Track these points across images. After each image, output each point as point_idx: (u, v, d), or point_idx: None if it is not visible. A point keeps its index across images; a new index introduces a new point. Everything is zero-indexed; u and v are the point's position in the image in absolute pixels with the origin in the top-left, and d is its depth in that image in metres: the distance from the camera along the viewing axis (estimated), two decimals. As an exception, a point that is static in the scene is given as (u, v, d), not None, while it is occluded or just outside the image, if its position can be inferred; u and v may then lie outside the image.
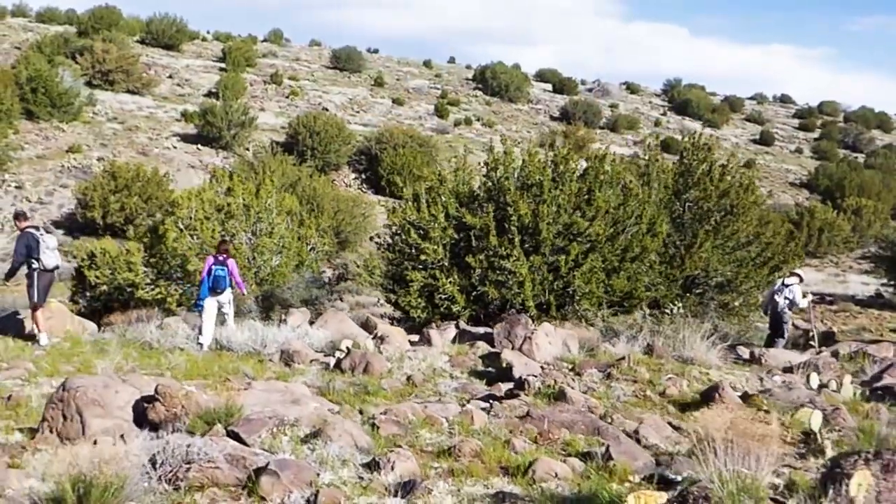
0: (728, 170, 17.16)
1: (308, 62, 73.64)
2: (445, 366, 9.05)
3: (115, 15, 62.98)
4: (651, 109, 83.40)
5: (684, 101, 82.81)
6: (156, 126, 46.59)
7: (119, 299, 20.19)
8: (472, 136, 61.86)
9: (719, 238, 16.53)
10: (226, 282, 11.88)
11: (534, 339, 9.02)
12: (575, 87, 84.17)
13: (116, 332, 11.46)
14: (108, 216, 32.85)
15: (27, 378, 8.52)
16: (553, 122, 70.88)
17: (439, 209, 14.75)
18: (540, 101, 77.72)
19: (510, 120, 69.76)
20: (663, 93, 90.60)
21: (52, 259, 11.73)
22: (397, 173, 46.89)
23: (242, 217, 16.43)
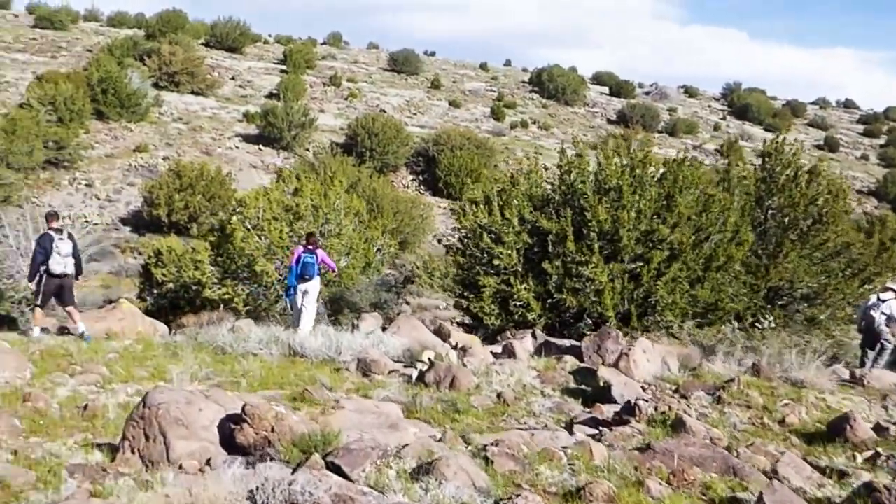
0: (815, 176, 16.22)
1: (366, 64, 73.80)
2: (535, 382, 8.50)
3: (181, 18, 64.06)
4: (710, 113, 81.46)
5: (744, 106, 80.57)
6: (219, 126, 47.03)
7: (185, 297, 20.15)
8: (528, 139, 61.25)
9: (807, 247, 15.62)
10: (314, 269, 12.61)
11: (631, 356, 8.41)
12: (632, 91, 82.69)
13: (188, 335, 11.18)
14: (172, 214, 33.14)
15: (101, 384, 8.24)
16: (610, 125, 69.68)
17: (513, 213, 14.18)
18: (596, 105, 76.53)
19: (566, 123, 68.83)
20: (722, 97, 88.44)
21: (60, 266, 11.58)
22: (455, 175, 46.66)
23: (310, 218, 16.11)
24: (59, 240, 11.60)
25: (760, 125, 76.48)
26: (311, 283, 12.70)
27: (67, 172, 36.80)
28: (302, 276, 12.54)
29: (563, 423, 7.32)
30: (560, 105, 72.88)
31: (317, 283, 12.89)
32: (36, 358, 9.16)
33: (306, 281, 12.59)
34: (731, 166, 16.68)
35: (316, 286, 12.86)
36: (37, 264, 11.68)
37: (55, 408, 7.27)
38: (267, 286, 16.31)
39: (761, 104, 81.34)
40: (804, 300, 16.01)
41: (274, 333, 11.00)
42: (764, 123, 76.38)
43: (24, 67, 49.42)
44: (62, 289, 11.76)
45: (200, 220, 34.22)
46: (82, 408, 7.18)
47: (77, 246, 12.15)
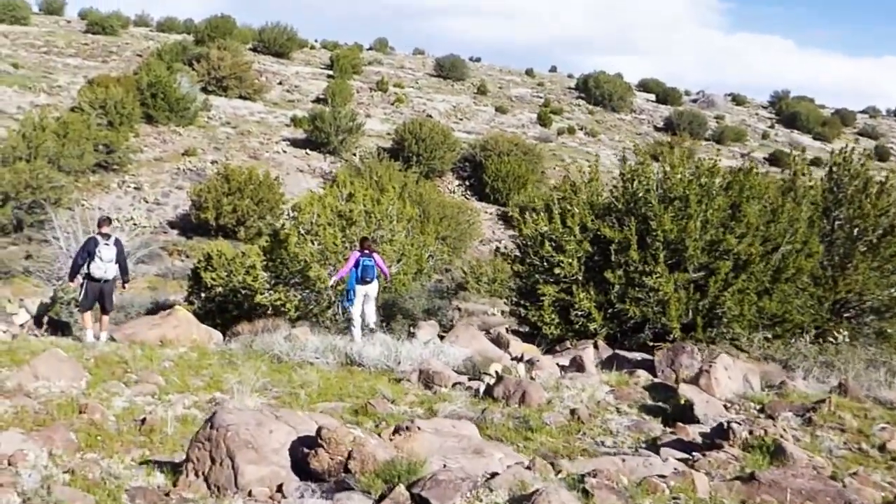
0: (888, 187, 15.48)
1: (412, 70, 73.84)
2: (608, 398, 8.06)
3: (229, 24, 64.72)
4: (758, 122, 79.88)
5: (793, 114, 78.82)
6: (266, 131, 47.26)
7: (233, 301, 20.04)
8: (575, 146, 60.60)
9: (877, 259, 14.89)
10: (373, 271, 12.69)
11: (712, 373, 7.92)
12: (679, 98, 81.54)
13: (243, 343, 10.95)
14: (220, 217, 33.23)
15: (158, 395, 7.99)
16: (657, 132, 68.67)
17: (575, 221, 13.73)
18: (643, 111, 75.57)
19: (613, 129, 68.04)
20: (770, 105, 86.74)
21: (100, 270, 11.58)
22: (502, 181, 46.25)
23: (363, 223, 15.83)
24: (104, 245, 11.59)
25: (809, 134, 74.77)
26: (372, 285, 12.73)
27: (117, 175, 37.20)
28: (363, 278, 12.55)
29: (642, 443, 6.88)
30: (606, 111, 72.16)
31: (376, 285, 12.89)
32: (91, 365, 8.98)
33: (367, 283, 12.64)
34: (797, 176, 15.99)
35: (376, 288, 12.86)
36: (76, 266, 11.77)
37: (111, 420, 7.03)
38: (319, 292, 16.06)
39: (810, 112, 79.52)
40: (873, 313, 15.28)
41: (330, 342, 10.73)
42: (813, 132, 74.67)
43: (76, 72, 50.28)
44: (103, 294, 11.77)
45: (248, 224, 34.33)
46: (140, 421, 6.93)
47: (123, 252, 12.18)
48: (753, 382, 8.44)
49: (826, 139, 71.67)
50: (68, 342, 10.00)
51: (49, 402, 7.28)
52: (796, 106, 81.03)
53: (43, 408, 7.08)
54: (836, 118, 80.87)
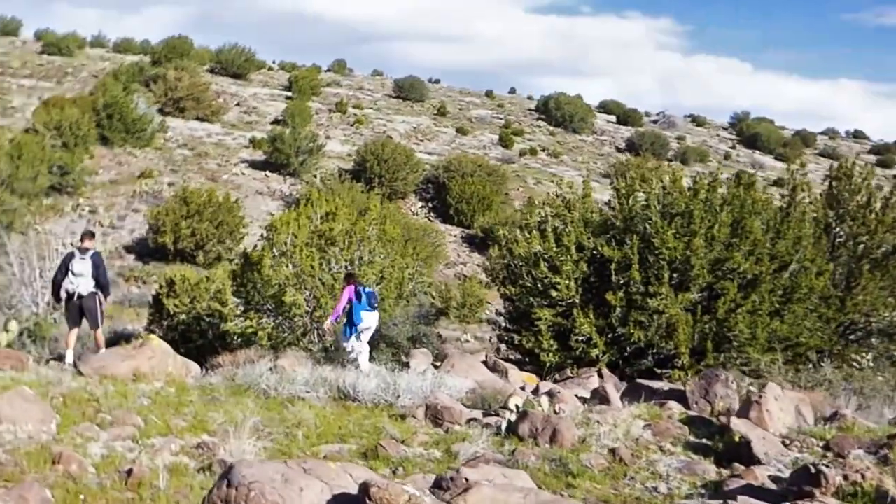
0: (893, 202, 15.06)
1: (371, 91, 73.16)
2: (646, 434, 7.25)
3: (186, 45, 63.40)
4: (719, 142, 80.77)
5: (753, 135, 79.87)
6: (224, 152, 45.99)
7: (198, 330, 18.89)
8: (538, 167, 60.32)
9: (886, 278, 14.39)
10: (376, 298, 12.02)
11: (763, 405, 7.15)
12: (640, 119, 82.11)
13: (223, 376, 9.90)
14: (179, 241, 31.91)
15: (138, 439, 6.94)
16: (619, 153, 68.90)
17: (571, 239, 12.98)
18: (604, 133, 75.83)
19: (575, 151, 68.05)
20: (730, 126, 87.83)
21: (71, 285, 11.12)
22: (466, 202, 45.59)
23: (344, 244, 14.89)
24: (80, 259, 11.10)
25: (771, 154, 75.68)
26: (375, 314, 11.88)
27: (71, 198, 35.62)
28: (371, 304, 11.74)
29: (700, 489, 6.07)
30: (568, 133, 72.22)
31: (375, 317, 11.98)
32: (58, 404, 7.87)
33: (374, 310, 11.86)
34: (795, 192, 15.49)
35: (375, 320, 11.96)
36: (55, 282, 11.36)
37: (91, 472, 5.98)
38: (293, 319, 15.02)
39: (771, 133, 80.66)
40: (881, 335, 14.72)
41: (321, 374, 9.73)
42: (774, 153, 75.58)
43: (31, 93, 48.48)
44: (84, 311, 11.21)
45: (207, 248, 33.08)
46: (125, 473, 5.88)
47: (101, 267, 11.59)
48: (806, 414, 7.70)
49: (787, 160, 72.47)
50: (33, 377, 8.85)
51: (16, 451, 6.20)
52: (756, 127, 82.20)
53: (10, 458, 6.00)
54: (797, 139, 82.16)
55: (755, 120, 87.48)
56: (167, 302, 19.28)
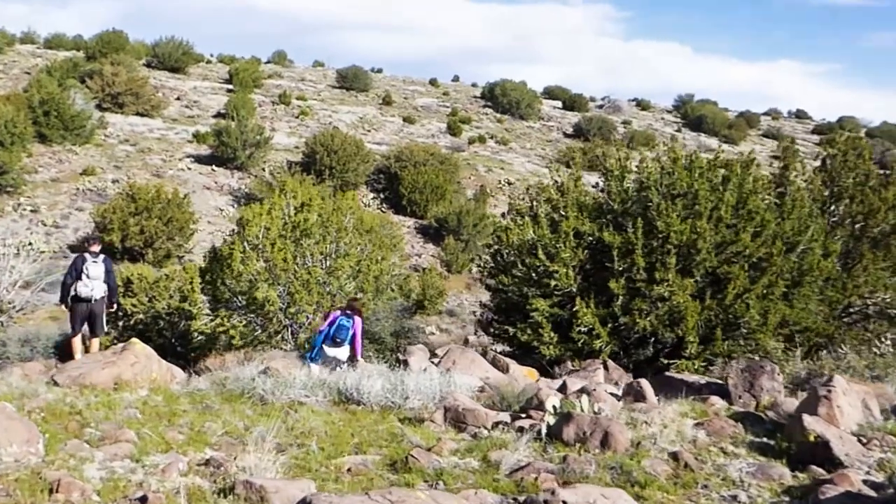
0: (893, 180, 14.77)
1: (313, 82, 71.71)
2: (700, 434, 6.65)
3: (121, 39, 61.06)
4: (665, 126, 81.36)
5: (698, 118, 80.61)
6: (168, 148, 44.31)
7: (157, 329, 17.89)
8: (487, 154, 59.81)
9: (888, 257, 14.05)
10: (347, 333, 10.81)
11: (833, 400, 6.57)
12: (585, 104, 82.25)
13: (212, 381, 9.01)
14: (127, 239, 30.51)
15: (137, 457, 6.06)
16: (567, 138, 68.93)
17: (569, 225, 12.35)
18: (551, 119, 75.74)
19: (524, 137, 67.74)
20: (675, 109, 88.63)
21: (87, 289, 11.15)
22: (419, 192, 44.84)
23: (319, 236, 14.06)
24: (93, 262, 11.10)
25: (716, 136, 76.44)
26: (341, 349, 10.80)
27: (11, 198, 33.74)
28: (334, 338, 10.72)
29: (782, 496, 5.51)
30: (515, 119, 71.82)
31: (346, 351, 10.89)
32: (37, 419, 6.92)
33: (337, 345, 10.75)
34: (788, 170, 15.09)
35: (345, 355, 10.85)
36: (66, 286, 11.28)
37: (96, 501, 5.11)
38: (266, 316, 14.15)
39: (715, 115, 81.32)
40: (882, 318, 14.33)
41: (319, 376, 8.94)
42: (719, 134, 76.30)
43: (-41, 91, 45.91)
44: (93, 315, 11.09)
45: (157, 246, 31.72)
46: (138, 501, 5.03)
47: (112, 272, 11.55)
48: (873, 409, 7.17)
49: (733, 141, 73.25)
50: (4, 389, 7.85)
51: (6, 478, 5.28)
52: (701, 109, 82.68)
53: (1, 488, 5.10)
54: (742, 120, 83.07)
55: (699, 102, 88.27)
56: (124, 301, 18.16)
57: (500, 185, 53.30)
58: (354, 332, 10.87)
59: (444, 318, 29.01)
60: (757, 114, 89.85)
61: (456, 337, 22.52)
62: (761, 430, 6.88)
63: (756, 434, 6.78)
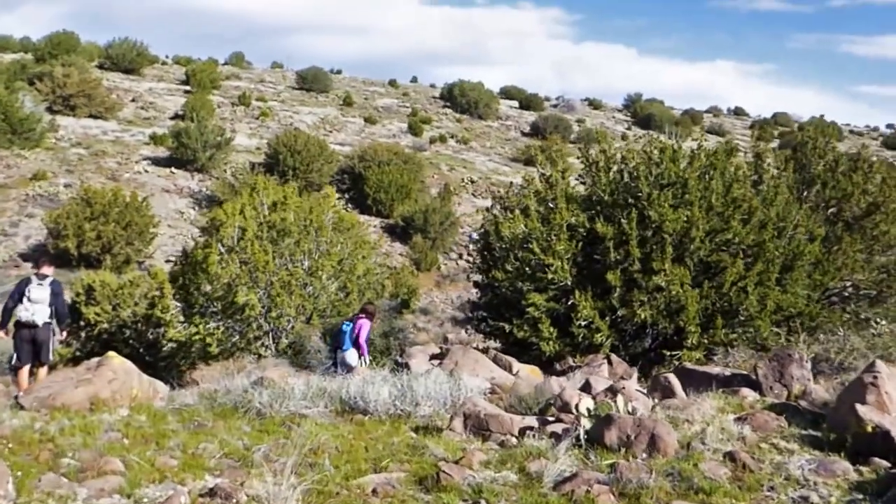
0: (861, 165, 14.65)
1: (273, 83, 70.58)
2: (745, 430, 6.12)
3: (72, 41, 59.11)
4: (615, 124, 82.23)
5: (647, 116, 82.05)
6: (124, 150, 42.85)
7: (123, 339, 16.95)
8: (449, 153, 59.41)
9: (864, 240, 13.97)
10: (345, 338, 10.59)
11: (881, 387, 6.13)
12: (541, 104, 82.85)
13: (201, 395, 8.21)
14: (83, 245, 29.23)
15: (128, 492, 5.25)
16: (525, 137, 69.00)
17: (563, 217, 11.81)
18: (509, 118, 75.80)
19: (483, 136, 67.53)
20: (624, 108, 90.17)
21: (27, 313, 10.22)
22: (384, 191, 44.16)
23: (298, 235, 13.28)
24: (37, 285, 10.23)
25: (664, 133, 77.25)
26: (347, 353, 10.57)
27: (-44, 205, 32.19)
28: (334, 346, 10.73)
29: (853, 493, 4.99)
30: (473, 119, 71.76)
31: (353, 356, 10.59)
32: (2, 451, 6.07)
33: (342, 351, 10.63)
34: (762, 158, 14.86)
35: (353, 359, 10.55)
36: (6, 310, 10.49)
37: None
38: (246, 321, 13.33)
39: (662, 113, 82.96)
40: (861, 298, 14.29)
41: (318, 384, 8.19)
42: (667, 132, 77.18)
43: None
44: (36, 343, 10.12)
45: (115, 252, 30.49)
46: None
47: (61, 296, 10.61)
48: None
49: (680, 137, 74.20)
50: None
51: None
52: (649, 108, 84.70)
53: None
54: (687, 118, 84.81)
55: (647, 101, 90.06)
56: (86, 311, 17.16)
57: (463, 183, 52.98)
58: (357, 335, 10.48)
59: (418, 316, 28.37)
60: (700, 111, 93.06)
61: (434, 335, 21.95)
62: (803, 421, 6.45)
63: (800, 426, 6.33)
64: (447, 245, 41.35)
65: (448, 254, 41.12)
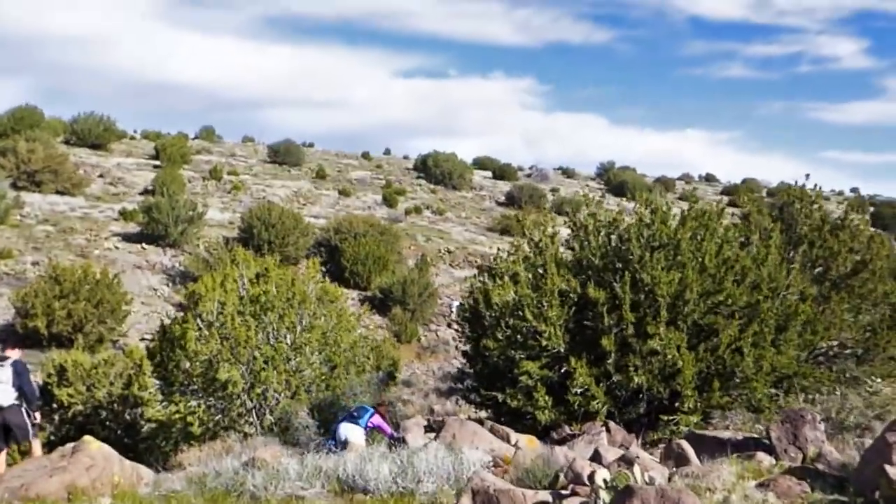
0: (846, 223, 14.76)
1: (244, 157, 70.82)
2: (770, 497, 5.85)
3: (36, 115, 58.87)
4: (590, 192, 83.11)
5: (620, 183, 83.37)
6: (93, 227, 42.34)
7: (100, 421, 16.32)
8: (424, 224, 59.59)
9: (852, 298, 13.98)
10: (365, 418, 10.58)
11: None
12: (514, 174, 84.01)
13: (188, 479, 7.74)
14: (53, 325, 28.44)
15: None
16: (500, 206, 69.64)
17: (555, 283, 11.64)
18: (483, 188, 76.61)
19: (458, 207, 67.99)
20: (598, 176, 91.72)
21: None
22: (361, 264, 43.94)
23: (282, 309, 12.94)
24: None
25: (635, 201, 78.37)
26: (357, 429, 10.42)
27: (-84, 287, 31.33)
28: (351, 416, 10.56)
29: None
30: (448, 189, 72.40)
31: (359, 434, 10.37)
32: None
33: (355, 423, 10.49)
34: (750, 218, 14.92)
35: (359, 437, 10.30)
36: None
37: None
38: (229, 398, 12.85)
39: (635, 181, 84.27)
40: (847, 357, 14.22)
41: (314, 463, 7.79)
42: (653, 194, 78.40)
43: None
44: (7, 426, 9.72)
45: (87, 330, 29.70)
46: None
47: (25, 375, 10.28)
48: None
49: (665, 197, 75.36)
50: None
51: None
52: (622, 176, 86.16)
53: None
54: (659, 185, 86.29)
55: (620, 169, 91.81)
56: (59, 392, 16.52)
57: (440, 253, 53.07)
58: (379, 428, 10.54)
59: (402, 388, 27.86)
60: (672, 178, 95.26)
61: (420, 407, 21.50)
62: (826, 485, 6.22)
63: (824, 491, 6.10)
64: (427, 316, 41.03)
65: (428, 325, 40.79)
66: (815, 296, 14.26)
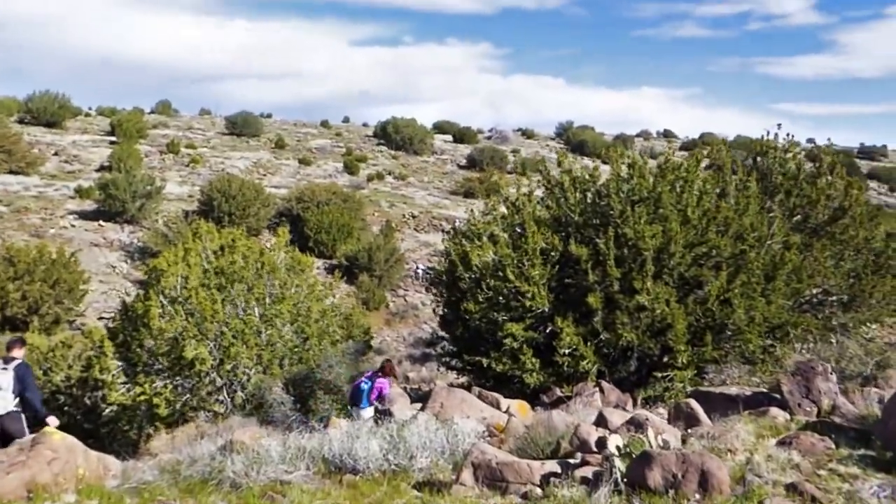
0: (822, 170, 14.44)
1: (202, 130, 69.14)
2: (793, 456, 5.45)
3: (-12, 96, 56.90)
4: (550, 152, 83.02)
5: (580, 142, 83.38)
6: (48, 206, 40.93)
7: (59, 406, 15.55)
8: (387, 190, 58.83)
9: (835, 245, 13.70)
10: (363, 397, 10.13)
11: None
12: (474, 137, 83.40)
13: (161, 467, 7.14)
14: (7, 307, 27.40)
15: None
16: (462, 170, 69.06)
17: (536, 241, 11.12)
18: (444, 152, 75.88)
19: (420, 171, 67.30)
20: (557, 136, 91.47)
21: None
22: (325, 232, 43.16)
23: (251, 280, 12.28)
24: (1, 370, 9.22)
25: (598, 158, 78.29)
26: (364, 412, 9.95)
27: None
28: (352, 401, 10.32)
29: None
30: (409, 155, 71.63)
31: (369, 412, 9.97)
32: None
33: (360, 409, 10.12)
34: (723, 170, 14.50)
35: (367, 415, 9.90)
36: None
37: None
38: (197, 376, 12.20)
39: (595, 140, 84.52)
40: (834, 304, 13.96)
41: (297, 444, 7.21)
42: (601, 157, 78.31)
43: None
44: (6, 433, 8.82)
45: (43, 312, 28.69)
46: None
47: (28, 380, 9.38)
48: None
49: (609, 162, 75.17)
50: None
51: None
52: (581, 135, 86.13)
53: None
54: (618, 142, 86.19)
55: (579, 128, 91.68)
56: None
57: (404, 218, 52.43)
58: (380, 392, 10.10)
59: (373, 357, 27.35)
60: (631, 136, 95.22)
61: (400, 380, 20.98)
62: (849, 440, 5.89)
63: (850, 446, 5.75)
64: (394, 282, 40.48)
65: (395, 290, 40.27)
66: (798, 244, 13.97)
